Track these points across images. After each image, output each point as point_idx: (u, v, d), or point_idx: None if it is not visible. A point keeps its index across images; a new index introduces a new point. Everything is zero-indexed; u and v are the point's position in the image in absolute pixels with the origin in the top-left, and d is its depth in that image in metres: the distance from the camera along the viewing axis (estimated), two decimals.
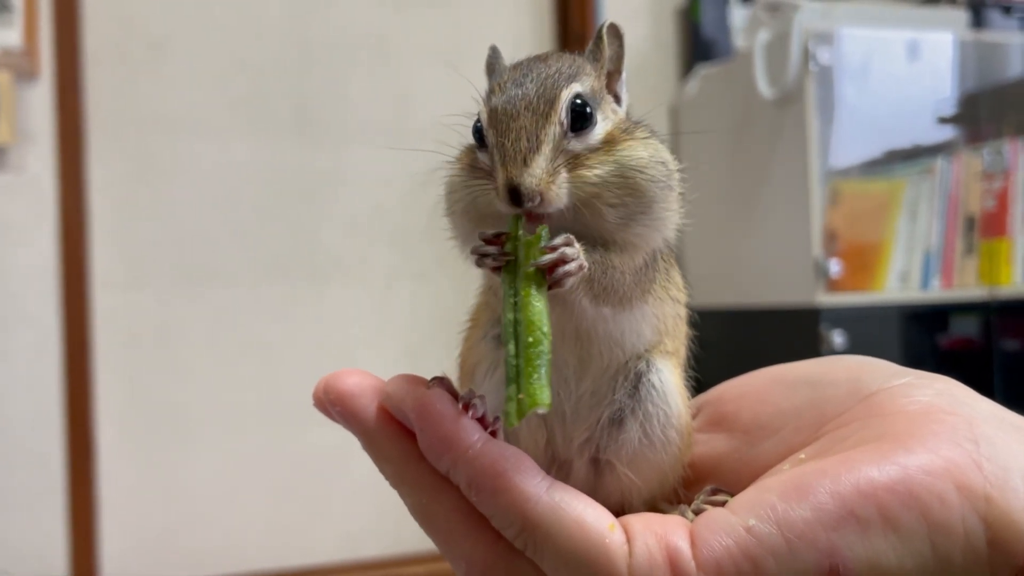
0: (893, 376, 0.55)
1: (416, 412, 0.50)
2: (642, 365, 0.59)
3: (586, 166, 0.55)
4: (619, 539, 0.48)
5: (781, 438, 0.57)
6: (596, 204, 0.55)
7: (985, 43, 2.64)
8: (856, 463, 0.47)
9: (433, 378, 0.54)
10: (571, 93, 0.56)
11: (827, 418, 0.55)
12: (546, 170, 0.53)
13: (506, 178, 0.52)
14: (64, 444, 2.53)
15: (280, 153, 2.74)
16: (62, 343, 2.53)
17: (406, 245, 2.80)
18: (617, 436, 0.58)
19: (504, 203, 0.53)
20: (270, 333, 2.72)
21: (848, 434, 0.52)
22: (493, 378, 0.58)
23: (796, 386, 0.59)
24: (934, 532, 0.46)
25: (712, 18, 2.91)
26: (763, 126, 2.51)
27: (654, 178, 0.56)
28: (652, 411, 0.58)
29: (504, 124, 0.54)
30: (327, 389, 0.54)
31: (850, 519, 0.45)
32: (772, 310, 2.49)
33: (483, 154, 0.57)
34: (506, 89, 0.56)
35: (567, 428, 0.58)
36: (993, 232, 2.53)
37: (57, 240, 2.54)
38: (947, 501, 0.46)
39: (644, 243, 0.58)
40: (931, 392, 0.53)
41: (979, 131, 2.73)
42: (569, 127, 0.55)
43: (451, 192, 0.60)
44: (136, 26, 2.65)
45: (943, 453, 0.47)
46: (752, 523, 0.46)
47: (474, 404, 0.51)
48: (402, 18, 2.85)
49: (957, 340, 2.57)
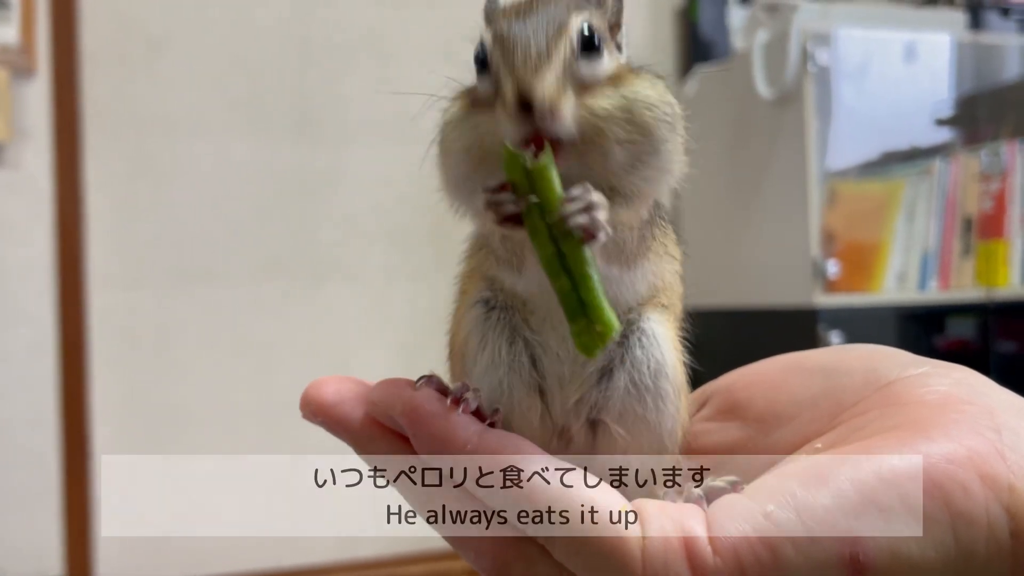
0: (910, 365, 0.54)
1: (405, 417, 0.49)
2: (633, 315, 0.56)
3: (594, 96, 0.52)
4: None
5: (796, 427, 0.56)
6: (602, 142, 0.52)
7: (983, 45, 2.64)
8: (877, 451, 0.46)
9: (420, 377, 0.52)
10: (580, 20, 0.53)
11: (843, 407, 0.54)
12: (558, 82, 0.50)
13: (515, 87, 0.49)
14: (60, 443, 2.52)
15: (278, 152, 2.73)
16: (58, 342, 2.53)
17: (404, 245, 2.80)
18: (607, 389, 0.55)
19: (512, 117, 0.49)
20: (267, 333, 2.72)
21: (865, 423, 0.51)
22: (485, 354, 0.56)
23: (811, 374, 0.58)
24: (957, 522, 0.45)
25: (710, 18, 2.91)
26: (761, 126, 2.51)
27: (663, 117, 0.54)
28: (641, 357, 0.55)
29: (512, 41, 0.51)
30: (307, 401, 0.53)
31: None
32: (770, 311, 2.49)
33: (484, 80, 0.53)
34: (511, 15, 0.54)
35: (564, 392, 0.56)
36: (990, 234, 2.53)
37: (53, 238, 2.53)
38: (970, 491, 0.45)
39: (651, 190, 0.55)
40: (949, 381, 0.52)
41: (977, 132, 2.73)
42: (579, 50, 0.52)
43: (448, 129, 0.56)
44: (134, 24, 2.64)
45: (965, 442, 0.46)
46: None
47: (466, 399, 0.50)
48: (401, 17, 2.85)
49: (954, 341, 2.58)
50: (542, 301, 0.55)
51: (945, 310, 2.54)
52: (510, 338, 0.56)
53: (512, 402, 0.55)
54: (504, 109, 0.50)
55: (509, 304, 0.57)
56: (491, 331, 0.56)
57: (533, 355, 0.56)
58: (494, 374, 0.55)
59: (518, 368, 0.55)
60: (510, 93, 0.49)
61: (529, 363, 0.56)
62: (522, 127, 0.49)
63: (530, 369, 0.56)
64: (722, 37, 2.88)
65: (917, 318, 2.48)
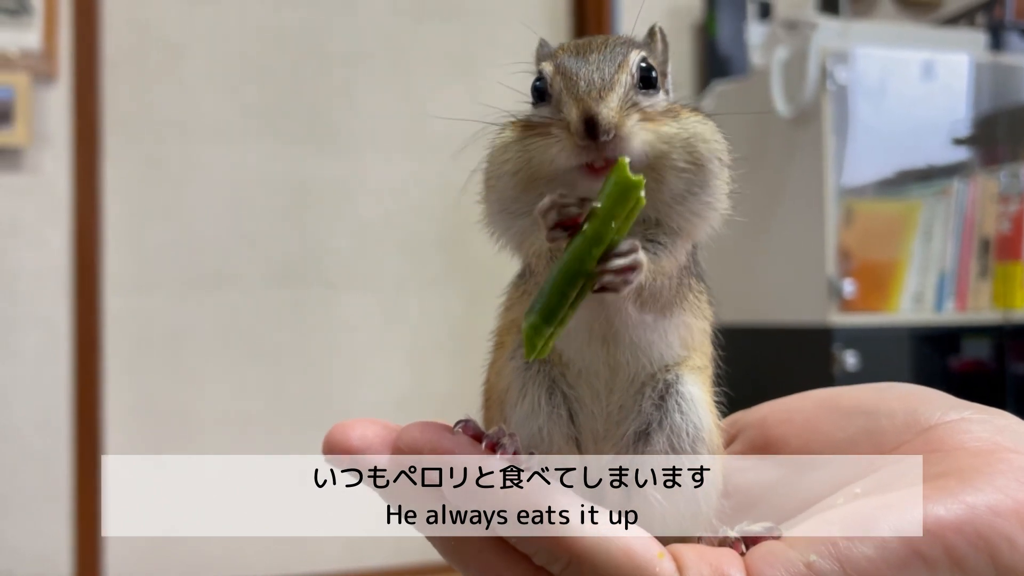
0: (951, 409, 0.53)
1: (436, 464, 0.48)
2: (671, 376, 0.56)
3: (656, 122, 0.52)
4: (669, 568, 0.46)
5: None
6: (660, 166, 0.52)
7: (1003, 65, 2.63)
8: (921, 500, 0.45)
9: (457, 422, 0.51)
10: (639, 55, 0.54)
11: (883, 450, 0.53)
12: (621, 106, 0.50)
13: (581, 109, 0.49)
14: (71, 446, 2.53)
15: (293, 160, 2.75)
16: (72, 345, 2.54)
17: (417, 254, 2.80)
18: (644, 452, 0.55)
19: (579, 137, 0.49)
20: (279, 339, 2.72)
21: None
22: (525, 403, 0.56)
23: (849, 415, 0.57)
24: (1002, 575, 0.44)
25: (729, 35, 2.91)
26: (779, 143, 2.51)
27: (717, 153, 0.54)
28: (680, 423, 0.55)
29: (575, 72, 0.52)
30: (332, 445, 0.51)
31: (916, 559, 0.44)
32: (785, 329, 2.48)
33: (542, 109, 0.54)
34: (571, 51, 0.54)
35: (598, 448, 0.55)
36: (1008, 255, 2.52)
37: (70, 242, 2.55)
38: (1016, 544, 0.44)
39: (695, 226, 0.55)
40: (992, 428, 0.51)
41: (995, 153, 2.71)
42: (638, 83, 0.53)
43: (498, 153, 0.56)
44: (154, 31, 2.66)
45: (1012, 493, 0.45)
46: (813, 559, 0.44)
47: (503, 444, 0.49)
48: (418, 29, 2.86)
49: (969, 362, 2.56)
50: (578, 355, 0.55)
51: (961, 331, 2.52)
52: (549, 389, 0.56)
53: (551, 451, 0.54)
54: (567, 132, 0.50)
55: (548, 357, 0.56)
56: (531, 381, 0.56)
57: (571, 409, 0.56)
58: (534, 422, 0.55)
59: (556, 418, 0.55)
60: (576, 115, 0.50)
61: (567, 415, 0.56)
62: (584, 150, 0.50)
63: (568, 421, 0.55)
64: (740, 53, 2.88)
65: (933, 339, 2.46)
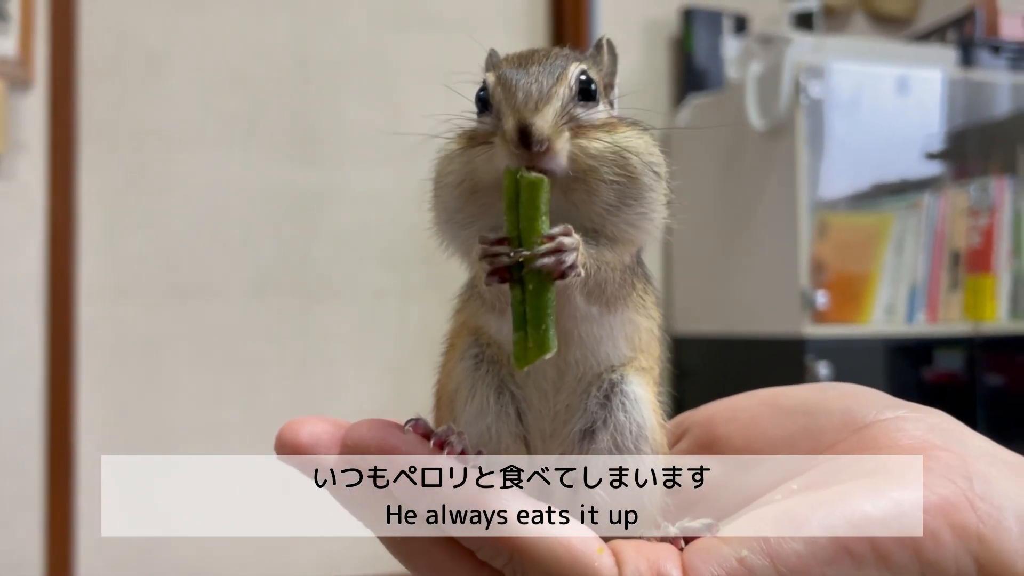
0: (887, 408, 0.55)
1: (382, 462, 0.49)
2: (616, 376, 0.58)
3: (587, 138, 0.54)
4: (608, 563, 0.47)
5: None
6: (591, 180, 0.54)
7: (973, 81, 2.68)
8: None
9: (408, 421, 0.53)
10: (579, 68, 0.56)
11: (820, 448, 0.55)
12: (555, 119, 0.53)
13: (517, 120, 0.52)
14: (44, 455, 2.50)
15: (273, 169, 2.74)
16: (46, 353, 2.52)
17: (396, 264, 2.80)
18: (588, 450, 0.56)
19: (513, 146, 0.51)
20: (257, 349, 2.71)
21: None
22: (474, 403, 0.57)
23: (789, 413, 0.58)
24: (927, 571, 0.46)
25: (705, 49, 2.94)
26: (753, 157, 2.53)
27: (649, 165, 0.56)
28: (624, 421, 0.56)
29: (514, 82, 0.54)
30: (282, 442, 0.52)
31: (843, 554, 0.45)
32: (758, 340, 2.50)
33: (484, 119, 0.56)
34: (514, 62, 0.56)
35: (546, 448, 0.57)
36: (978, 268, 2.56)
37: (45, 250, 2.53)
38: (940, 540, 0.46)
39: (632, 235, 0.57)
40: (924, 427, 0.52)
41: (966, 168, 2.76)
42: (576, 95, 0.55)
43: (444, 163, 0.58)
44: (133, 39, 2.66)
45: (937, 490, 0.47)
46: (745, 554, 0.46)
47: (451, 442, 0.50)
48: (398, 39, 2.87)
49: (941, 374, 2.59)
50: None
51: (933, 343, 2.55)
52: (498, 389, 0.57)
53: (499, 449, 0.56)
54: (504, 141, 0.52)
55: (496, 358, 0.58)
56: (480, 381, 0.58)
57: (519, 408, 0.57)
58: (482, 421, 0.56)
59: (504, 417, 0.57)
60: (511, 126, 0.52)
61: (515, 414, 0.57)
62: (519, 159, 0.52)
63: (516, 420, 0.57)
64: (716, 67, 2.91)
65: (905, 350, 2.49)
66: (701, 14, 2.97)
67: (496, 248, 0.52)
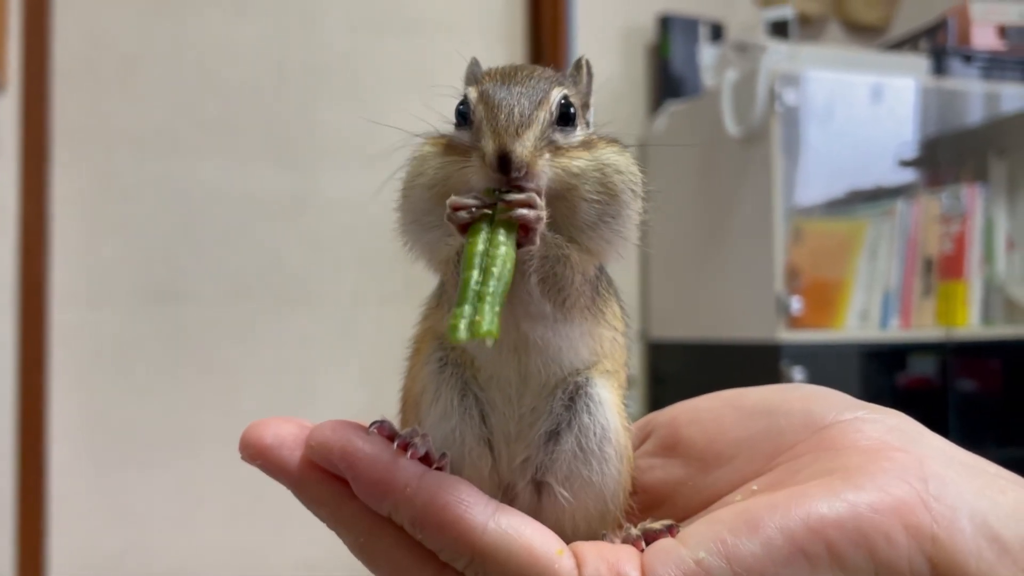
0: (846, 409, 0.56)
1: (344, 462, 0.49)
2: (580, 379, 0.59)
3: (568, 157, 0.56)
4: (568, 565, 0.48)
5: (735, 467, 0.57)
6: (572, 197, 0.56)
7: (946, 90, 2.71)
8: (806, 498, 0.48)
9: (372, 423, 0.53)
10: (560, 92, 0.57)
11: (781, 449, 0.55)
12: (535, 145, 0.54)
13: (497, 145, 0.53)
14: (15, 462, 2.47)
15: (248, 174, 2.73)
16: (17, 358, 2.49)
17: (373, 269, 2.79)
18: (553, 451, 0.57)
19: (492, 170, 0.53)
20: (233, 354, 2.69)
21: (801, 467, 0.52)
22: (438, 405, 0.58)
23: (752, 414, 0.59)
24: (881, 571, 0.46)
25: (681, 56, 2.96)
26: (729, 164, 2.55)
27: (629, 183, 0.57)
28: (588, 423, 0.57)
29: (496, 102, 0.55)
30: (246, 443, 0.53)
31: (799, 556, 0.46)
32: (733, 345, 2.51)
33: (464, 132, 0.57)
34: (497, 78, 0.57)
35: (511, 449, 0.58)
36: (950, 274, 2.59)
37: (16, 254, 2.50)
38: (894, 540, 0.46)
39: (607, 250, 0.58)
40: (883, 428, 0.53)
41: (938, 175, 2.79)
42: (556, 120, 0.56)
43: (418, 165, 0.59)
44: (108, 42, 2.63)
45: (892, 491, 0.47)
46: (702, 556, 0.46)
47: (414, 443, 0.51)
48: (375, 44, 2.86)
49: (915, 379, 2.61)
50: (488, 359, 0.58)
51: (906, 348, 2.58)
52: (462, 391, 0.58)
53: (463, 451, 0.56)
54: (483, 162, 0.53)
55: (460, 362, 0.59)
56: (444, 384, 0.58)
57: (483, 411, 0.58)
58: (447, 424, 0.57)
59: (469, 420, 0.57)
60: (492, 149, 0.53)
61: (479, 417, 0.58)
62: (496, 182, 0.53)
63: (480, 423, 0.58)
64: (692, 74, 2.92)
65: (879, 356, 2.51)
66: (678, 21, 2.99)
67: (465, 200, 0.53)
